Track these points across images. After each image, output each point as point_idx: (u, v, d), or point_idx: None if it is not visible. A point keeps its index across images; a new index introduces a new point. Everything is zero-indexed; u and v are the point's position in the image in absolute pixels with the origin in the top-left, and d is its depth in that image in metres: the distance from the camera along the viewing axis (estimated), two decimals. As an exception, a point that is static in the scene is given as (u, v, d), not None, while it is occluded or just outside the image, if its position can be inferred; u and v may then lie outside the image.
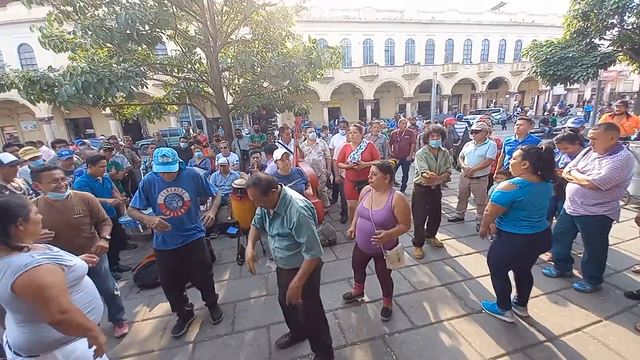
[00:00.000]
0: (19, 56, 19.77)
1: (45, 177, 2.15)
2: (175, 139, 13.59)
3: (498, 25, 28.66)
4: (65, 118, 22.47)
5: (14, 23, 18.50)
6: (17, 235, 1.29)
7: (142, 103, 7.84)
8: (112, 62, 5.94)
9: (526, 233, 2.13)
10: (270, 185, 1.76)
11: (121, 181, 4.83)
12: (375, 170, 2.25)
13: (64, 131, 22.24)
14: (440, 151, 3.45)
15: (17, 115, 21.68)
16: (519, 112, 18.67)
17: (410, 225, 2.34)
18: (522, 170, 2.09)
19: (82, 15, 5.34)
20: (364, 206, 2.33)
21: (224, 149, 5.39)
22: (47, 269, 1.25)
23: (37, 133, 20.89)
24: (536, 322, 2.40)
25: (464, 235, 4.04)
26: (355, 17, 24.88)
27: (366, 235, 2.26)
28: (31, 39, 5.58)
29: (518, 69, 28.97)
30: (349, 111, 27.78)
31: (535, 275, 2.43)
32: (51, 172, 2.18)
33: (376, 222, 2.23)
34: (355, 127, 3.92)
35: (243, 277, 3.39)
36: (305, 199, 1.94)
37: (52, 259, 1.31)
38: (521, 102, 32.75)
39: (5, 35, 19.14)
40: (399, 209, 2.21)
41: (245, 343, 2.38)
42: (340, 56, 6.93)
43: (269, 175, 1.86)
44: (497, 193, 2.15)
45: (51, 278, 1.23)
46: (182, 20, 6.72)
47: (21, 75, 4.92)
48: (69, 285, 1.36)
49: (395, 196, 2.24)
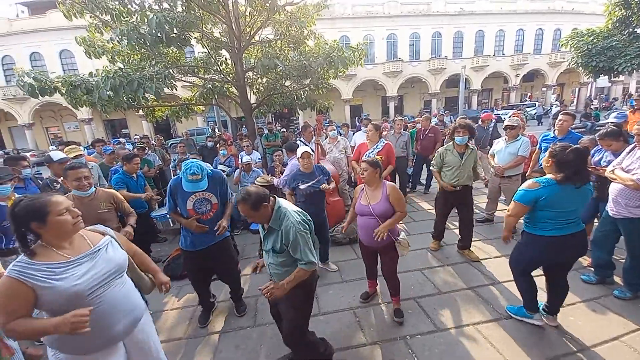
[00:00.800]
0: (61, 61, 21.50)
1: (70, 174, 2.33)
2: (202, 138, 14.16)
3: (534, 13, 26.80)
4: (104, 119, 24.16)
5: (55, 30, 19.99)
6: (42, 236, 1.26)
7: (171, 104, 8.25)
8: (145, 66, 6.30)
9: (552, 235, 2.00)
10: (261, 199, 1.64)
11: (152, 178, 5.12)
12: (366, 166, 2.32)
13: (102, 131, 23.94)
14: (467, 149, 3.20)
15: (61, 116, 23.64)
16: (558, 106, 17.26)
17: (406, 212, 2.43)
18: (551, 168, 2.00)
19: (118, 22, 5.72)
20: (362, 203, 2.37)
21: (247, 148, 5.52)
22: (4, 284, 1.18)
23: (79, 133, 22.72)
24: (571, 331, 2.25)
25: (492, 237, 3.84)
26: (379, 12, 24.41)
27: (371, 230, 2.28)
28: (72, 44, 6.12)
29: (557, 59, 26.89)
30: (371, 108, 27.36)
31: (573, 282, 2.27)
32: (76, 170, 2.33)
33: (379, 214, 2.28)
34: (372, 126, 3.83)
35: (265, 272, 3.44)
36: (301, 211, 1.84)
37: (22, 274, 1.18)
38: (560, 96, 30.45)
39: (47, 41, 20.81)
40: (394, 197, 2.29)
41: (266, 336, 2.44)
42: (363, 53, 6.84)
43: (260, 188, 1.74)
44: (521, 191, 2.07)
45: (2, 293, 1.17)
46: (208, 23, 6.95)
47: (64, 80, 5.34)
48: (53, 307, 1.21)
49: (389, 186, 2.33)
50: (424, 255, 3.54)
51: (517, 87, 27.76)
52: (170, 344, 2.44)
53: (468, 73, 24.17)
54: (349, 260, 3.49)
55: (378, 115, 25.67)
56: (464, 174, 3.19)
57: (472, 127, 3.23)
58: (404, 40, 25.58)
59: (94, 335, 1.23)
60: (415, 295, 2.81)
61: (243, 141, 5.95)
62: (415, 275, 3.14)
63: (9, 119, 22.41)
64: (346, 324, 2.50)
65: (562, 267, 2.19)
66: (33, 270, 1.19)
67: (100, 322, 1.27)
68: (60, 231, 1.28)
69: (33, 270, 1.19)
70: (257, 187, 1.73)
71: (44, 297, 1.18)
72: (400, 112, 25.97)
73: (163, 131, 21.22)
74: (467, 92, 24.79)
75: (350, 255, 3.63)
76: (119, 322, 1.34)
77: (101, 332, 1.28)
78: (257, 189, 1.69)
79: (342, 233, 3.97)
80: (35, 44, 20.99)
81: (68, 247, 1.31)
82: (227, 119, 12.16)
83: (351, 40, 22.16)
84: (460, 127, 3.14)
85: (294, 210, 1.78)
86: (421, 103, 28.32)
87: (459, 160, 3.17)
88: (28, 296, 1.17)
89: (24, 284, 1.17)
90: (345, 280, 3.14)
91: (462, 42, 26.55)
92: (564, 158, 1.90)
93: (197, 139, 14.89)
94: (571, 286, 2.29)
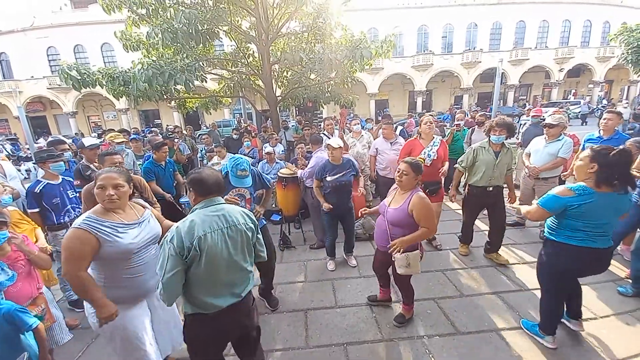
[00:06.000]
0: (102, 54, 22.88)
1: (107, 160, 2.60)
2: (228, 130, 14.58)
3: (582, 3, 24.49)
4: (139, 110, 25.59)
5: (97, 23, 21.07)
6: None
7: (201, 97, 8.54)
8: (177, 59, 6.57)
9: (587, 246, 1.80)
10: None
11: (182, 166, 5.37)
12: (407, 169, 2.08)
13: (137, 121, 25.39)
14: (503, 148, 3.00)
15: (101, 106, 25.36)
16: (605, 105, 15.68)
17: (436, 229, 2.21)
18: (589, 174, 1.74)
19: (154, 18, 5.98)
20: (384, 202, 2.23)
21: (274, 140, 5.62)
22: (78, 235, 1.41)
23: (116, 122, 24.23)
24: (601, 343, 2.10)
25: (523, 242, 3.62)
26: (410, 2, 23.46)
27: (380, 231, 2.16)
28: (112, 38, 6.49)
29: (605, 54, 24.48)
30: (397, 103, 26.61)
31: (609, 293, 2.11)
32: (111, 156, 2.63)
33: (391, 220, 2.12)
34: (431, 119, 3.36)
35: (284, 262, 3.53)
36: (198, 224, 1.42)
37: (95, 229, 1.43)
38: (608, 94, 27.75)
39: (89, 34, 22.06)
40: (418, 211, 2.02)
41: (283, 323, 2.49)
42: (392, 44, 6.62)
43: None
44: (549, 196, 1.85)
45: (74, 243, 1.41)
46: (236, 16, 7.07)
47: (104, 72, 5.71)
48: (115, 258, 1.49)
49: (414, 198, 2.05)
50: (446, 256, 3.43)
51: (561, 82, 25.52)
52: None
53: (505, 67, 22.62)
54: (369, 256, 3.44)
55: (404, 110, 24.94)
56: (497, 174, 2.99)
57: (512, 125, 2.96)
58: (436, 32, 24.42)
59: (136, 285, 1.58)
60: (435, 296, 2.73)
61: (268, 133, 6.06)
62: (436, 275, 3.05)
63: (54, 107, 24.27)
64: (362, 319, 2.49)
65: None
66: (100, 225, 1.46)
67: (141, 275, 1.59)
68: (99, 200, 1.53)
69: (100, 225, 1.46)
70: (212, 170, 1.56)
71: (105, 249, 1.45)
72: (428, 108, 24.97)
73: (192, 122, 22.10)
74: (503, 87, 23.30)
75: (369, 251, 3.59)
76: (152, 278, 1.63)
77: (140, 284, 1.60)
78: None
79: (362, 228, 3.96)
80: (79, 36, 22.37)
81: (122, 213, 1.59)
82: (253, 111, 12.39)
83: (380, 32, 21.53)
84: (497, 125, 2.91)
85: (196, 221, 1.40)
86: (451, 98, 27.00)
87: (493, 159, 2.96)
88: (94, 246, 1.43)
89: (93, 235, 1.43)
90: (364, 275, 3.12)
91: (500, 33, 24.86)
92: (609, 161, 1.67)
93: (224, 131, 15.37)
94: (606, 298, 2.19)
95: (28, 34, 22.13)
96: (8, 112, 23.02)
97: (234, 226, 1.47)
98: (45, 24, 22.07)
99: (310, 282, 3.11)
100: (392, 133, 4.05)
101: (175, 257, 1.32)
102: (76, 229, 1.42)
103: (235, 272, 1.48)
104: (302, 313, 2.61)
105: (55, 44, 22.59)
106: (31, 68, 22.20)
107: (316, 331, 2.40)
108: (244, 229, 1.50)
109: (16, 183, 3.28)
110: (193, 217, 1.41)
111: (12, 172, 3.40)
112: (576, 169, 1.85)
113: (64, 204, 2.65)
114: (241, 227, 1.49)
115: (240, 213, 1.54)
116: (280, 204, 4.09)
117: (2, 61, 22.94)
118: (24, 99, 21.95)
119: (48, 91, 22.45)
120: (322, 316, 2.56)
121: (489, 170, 2.96)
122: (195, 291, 1.40)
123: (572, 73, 26.00)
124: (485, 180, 3.00)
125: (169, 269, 1.31)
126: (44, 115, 25.12)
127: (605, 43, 24.25)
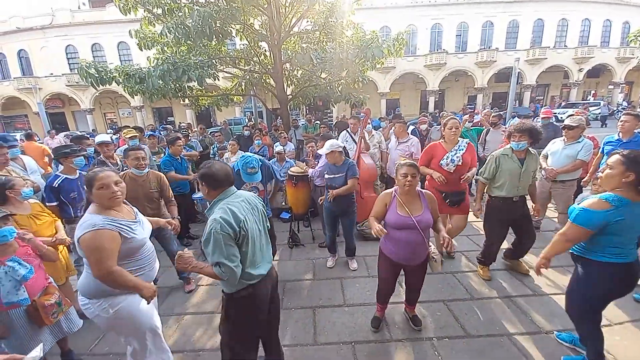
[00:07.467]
0: (119, 52, 23.40)
1: (131, 155, 2.71)
2: (239, 128, 14.72)
3: (602, 3, 23.60)
4: (153, 107, 26.12)
5: (114, 22, 21.60)
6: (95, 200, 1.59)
7: (213, 95, 8.66)
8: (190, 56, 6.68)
9: (623, 262, 1.67)
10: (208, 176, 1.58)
11: (195, 162, 5.46)
12: (413, 170, 2.01)
13: (151, 118, 25.92)
14: (528, 153, 2.74)
15: (117, 103, 25.95)
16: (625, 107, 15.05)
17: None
18: (623, 184, 1.59)
19: (169, 16, 6.08)
20: (401, 215, 2.04)
21: (284, 139, 5.64)
22: (106, 234, 1.47)
23: (131, 119, 24.80)
24: (614, 351, 2.05)
25: (538, 247, 3.52)
26: (424, 0, 23.09)
27: (416, 246, 2.06)
28: (128, 37, 6.65)
29: (626, 55, 23.57)
30: (408, 103, 26.24)
31: (623, 300, 2.00)
32: (135, 151, 2.73)
33: (424, 228, 2.04)
34: (455, 122, 3.02)
35: (292, 260, 3.55)
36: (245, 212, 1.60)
37: (117, 227, 1.52)
38: (628, 95, 26.69)
39: (106, 33, 22.61)
40: (434, 203, 2.13)
41: (292, 320, 2.52)
42: (404, 42, 6.54)
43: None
44: (582, 212, 1.65)
45: (105, 242, 1.45)
46: (249, 15, 7.12)
47: (120, 70, 5.86)
48: (124, 255, 1.56)
49: (427, 195, 2.14)
50: (457, 258, 3.38)
51: (580, 83, 24.67)
52: (200, 317, 2.62)
53: (522, 66, 21.99)
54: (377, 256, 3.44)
55: (416, 110, 24.57)
56: (525, 182, 2.74)
57: (534, 129, 2.64)
58: (450, 30, 23.93)
59: (147, 271, 1.72)
60: (445, 298, 2.70)
61: (278, 132, 6.10)
62: (446, 277, 3.01)
63: (72, 104, 25.00)
64: (370, 319, 2.48)
65: None
66: (118, 223, 1.54)
67: (149, 264, 1.73)
68: (101, 200, 1.57)
69: (118, 223, 1.54)
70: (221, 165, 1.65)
71: (125, 245, 1.55)
72: (440, 108, 24.52)
73: (204, 120, 22.42)
74: (519, 87, 22.68)
75: (377, 251, 3.56)
76: (151, 269, 1.77)
77: (149, 271, 1.75)
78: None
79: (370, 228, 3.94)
80: (96, 35, 22.96)
81: (123, 212, 1.66)
82: (263, 109, 12.48)
83: (392, 30, 21.29)
84: (516, 132, 2.66)
85: (238, 208, 1.55)
86: (465, 98, 26.47)
87: (518, 167, 2.69)
88: (119, 243, 1.52)
89: (117, 232, 1.51)
90: (372, 275, 3.11)
91: (517, 32, 24.14)
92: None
93: (235, 129, 15.52)
94: (622, 305, 2.16)
95: (47, 32, 22.79)
96: (28, 108, 23.80)
97: (255, 207, 1.71)
98: (64, 22, 22.73)
99: (319, 280, 3.12)
100: (405, 132, 4.02)
101: (232, 242, 1.49)
102: (101, 230, 1.46)
103: (266, 243, 1.76)
104: (310, 310, 2.63)
105: (73, 42, 23.23)
106: (51, 65, 22.91)
107: (324, 329, 2.41)
108: (261, 208, 1.77)
109: (36, 177, 3.40)
110: (227, 206, 1.54)
111: (33, 165, 3.52)
112: (606, 177, 1.68)
113: (81, 198, 2.74)
114: (259, 206, 1.76)
115: (253, 196, 1.78)
116: (290, 202, 4.13)
117: (22, 58, 23.62)
118: (43, 95, 22.60)
119: (67, 88, 23.12)
120: (331, 314, 2.57)
121: (515, 179, 2.70)
122: (244, 266, 1.56)
123: (591, 73, 25.07)
124: (510, 191, 2.74)
125: (230, 253, 1.46)
126: (62, 112, 25.90)
127: (625, 44, 23.31)
